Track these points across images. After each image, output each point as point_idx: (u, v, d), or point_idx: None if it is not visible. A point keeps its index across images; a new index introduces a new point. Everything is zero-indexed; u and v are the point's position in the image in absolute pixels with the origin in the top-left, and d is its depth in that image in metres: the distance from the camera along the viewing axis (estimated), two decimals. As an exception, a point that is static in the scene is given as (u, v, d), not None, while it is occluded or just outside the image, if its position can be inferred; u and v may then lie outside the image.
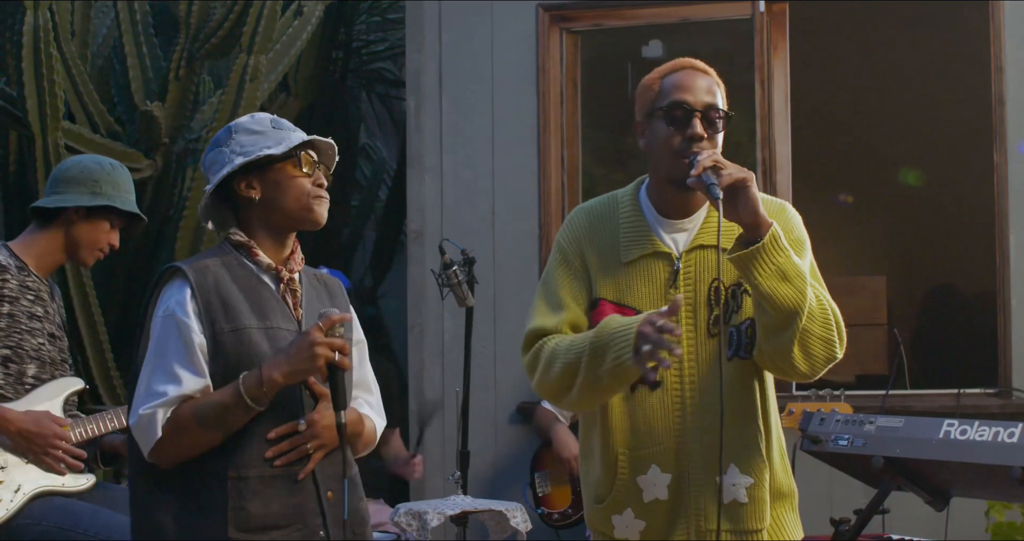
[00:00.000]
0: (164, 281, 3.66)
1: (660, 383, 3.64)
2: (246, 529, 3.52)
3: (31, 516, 4.64)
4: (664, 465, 3.65)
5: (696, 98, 3.63)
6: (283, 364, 3.50)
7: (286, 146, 3.64)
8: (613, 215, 3.76)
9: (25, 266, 4.81)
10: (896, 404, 6.53)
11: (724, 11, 7.29)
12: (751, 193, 3.49)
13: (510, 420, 7.36)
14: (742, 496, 3.66)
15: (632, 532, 3.70)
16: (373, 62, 10.52)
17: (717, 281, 3.65)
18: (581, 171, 7.53)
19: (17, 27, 7.30)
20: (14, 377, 4.73)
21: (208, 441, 3.51)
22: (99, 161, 4.96)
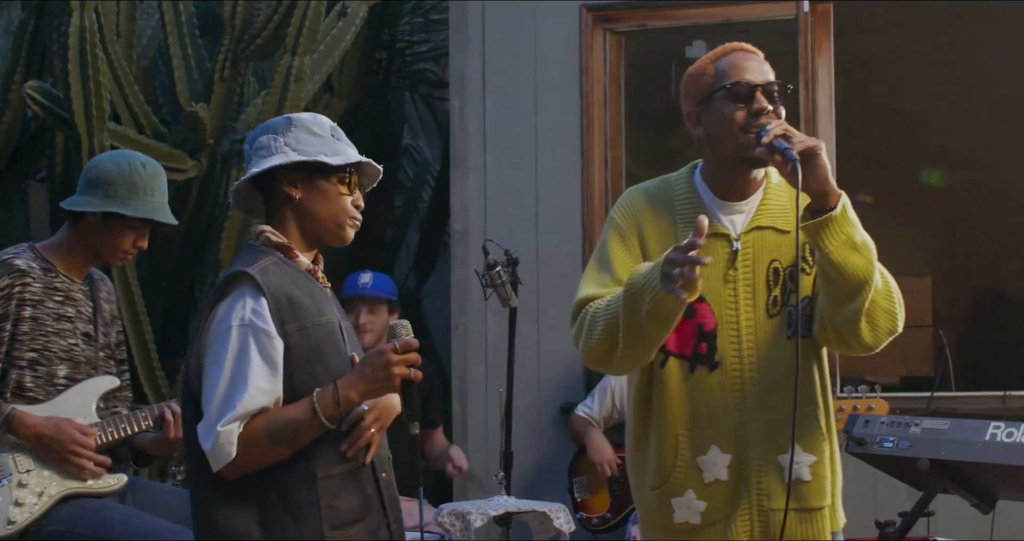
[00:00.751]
0: (232, 286, 3.58)
1: (719, 363, 3.64)
2: (339, 526, 3.54)
3: (63, 522, 4.60)
4: (724, 445, 3.65)
5: (754, 75, 3.67)
6: (359, 384, 3.50)
7: (342, 160, 3.63)
8: (669, 196, 3.77)
9: (53, 267, 4.78)
10: (941, 406, 6.49)
11: (768, 11, 7.27)
12: (821, 161, 3.50)
13: (553, 421, 7.35)
14: (805, 474, 3.67)
15: (692, 514, 3.69)
16: (417, 63, 10.53)
17: (776, 261, 3.66)
18: (624, 171, 7.52)
19: (63, 29, 7.34)
20: (44, 379, 4.71)
21: (276, 457, 3.50)
22: (119, 161, 4.85)
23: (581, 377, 7.30)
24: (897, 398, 6.33)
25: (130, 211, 4.74)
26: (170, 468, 6.54)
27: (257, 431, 3.47)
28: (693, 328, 3.66)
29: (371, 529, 3.62)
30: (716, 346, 3.64)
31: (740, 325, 3.65)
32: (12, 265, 4.69)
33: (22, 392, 4.67)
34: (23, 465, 4.63)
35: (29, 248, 4.81)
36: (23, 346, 4.67)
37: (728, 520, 3.67)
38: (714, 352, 3.65)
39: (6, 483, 4.59)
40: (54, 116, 7.51)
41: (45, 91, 7.49)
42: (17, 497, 4.57)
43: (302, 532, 3.51)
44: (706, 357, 3.65)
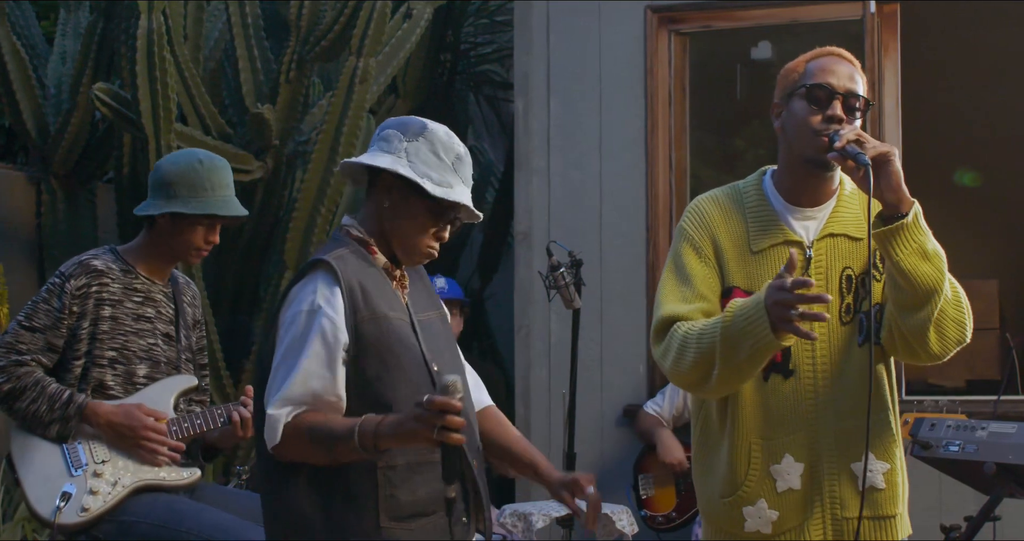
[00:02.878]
0: (308, 273, 3.61)
1: (793, 371, 3.62)
2: (397, 517, 3.54)
3: (135, 513, 4.67)
4: (798, 454, 3.63)
5: (839, 82, 3.63)
6: (395, 433, 3.43)
7: (442, 193, 3.60)
8: (739, 204, 3.74)
9: (132, 269, 4.87)
10: (1009, 410, 6.44)
11: (834, 12, 7.23)
12: (894, 168, 3.48)
13: (616, 422, 7.35)
14: (879, 482, 3.65)
15: (764, 523, 3.66)
16: (481, 64, 10.55)
17: (849, 268, 3.64)
18: (689, 173, 7.50)
19: (131, 31, 7.41)
20: (123, 377, 4.80)
21: (316, 458, 3.51)
22: (176, 161, 4.91)
23: (644, 379, 7.29)
24: (963, 402, 6.29)
25: (190, 209, 4.81)
26: (235, 467, 6.58)
27: (301, 427, 3.49)
28: None
29: (442, 526, 3.61)
30: (790, 354, 3.62)
31: None
32: (90, 266, 4.78)
33: (104, 390, 4.77)
34: (99, 455, 4.72)
35: (110, 250, 4.91)
36: (103, 345, 4.76)
37: (800, 529, 3.65)
38: (788, 360, 3.62)
39: (81, 472, 4.68)
40: (122, 117, 7.57)
41: (113, 93, 7.56)
42: (92, 486, 4.66)
43: (359, 520, 3.53)
44: (780, 366, 3.62)
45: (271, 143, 7.89)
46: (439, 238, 3.69)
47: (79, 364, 4.75)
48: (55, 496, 4.61)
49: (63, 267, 4.81)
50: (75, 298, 4.73)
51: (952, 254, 3.65)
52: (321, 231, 7.69)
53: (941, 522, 5.44)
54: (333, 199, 7.73)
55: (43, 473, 4.66)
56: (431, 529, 3.59)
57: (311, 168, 7.73)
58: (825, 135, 3.57)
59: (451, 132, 3.73)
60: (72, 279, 4.74)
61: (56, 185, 8.39)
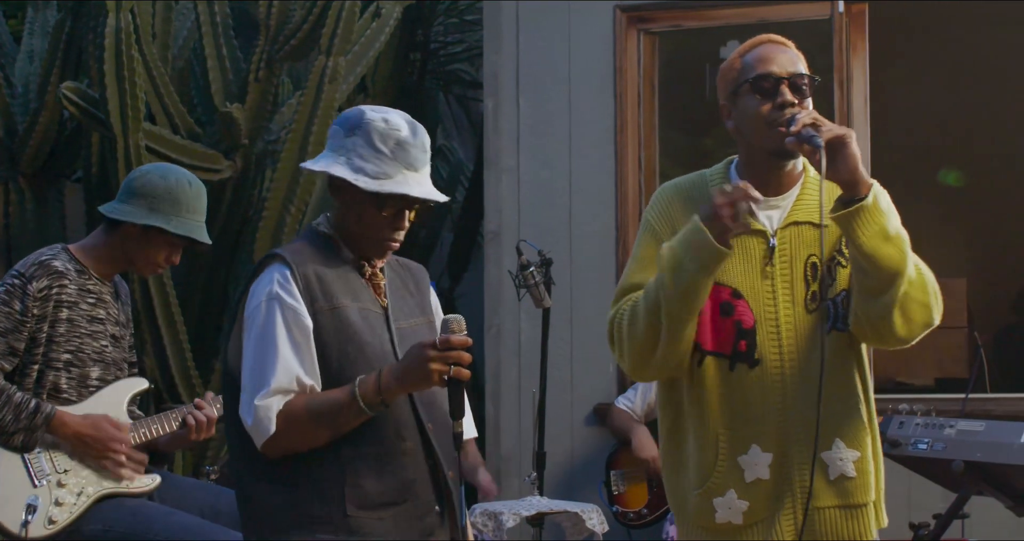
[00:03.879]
0: (263, 266, 3.64)
1: (759, 361, 3.61)
2: (364, 506, 3.54)
3: (102, 521, 4.63)
4: (765, 444, 3.61)
5: (781, 67, 3.62)
6: (399, 376, 3.49)
7: (376, 187, 3.58)
8: (703, 192, 3.71)
9: (85, 269, 4.79)
10: (976, 408, 6.46)
11: (803, 12, 7.25)
12: (851, 150, 3.46)
13: (587, 421, 7.35)
14: (850, 470, 3.62)
15: (735, 514, 3.65)
16: (451, 63, 10.54)
17: (814, 256, 3.64)
18: (658, 172, 7.51)
19: (99, 30, 7.38)
20: (77, 380, 4.73)
21: (318, 438, 3.52)
22: (166, 175, 4.85)
23: (614, 378, 7.30)
24: (932, 400, 6.31)
25: (172, 227, 4.76)
26: (204, 467, 6.56)
27: (298, 409, 3.49)
28: (732, 325, 3.63)
29: (412, 515, 3.61)
30: (756, 343, 3.61)
31: (780, 321, 3.62)
32: (51, 266, 4.70)
33: (57, 393, 4.69)
34: (61, 465, 4.66)
35: (63, 249, 4.82)
36: (59, 348, 4.69)
37: (771, 519, 3.64)
38: (754, 349, 3.61)
39: (45, 483, 4.62)
40: (90, 117, 7.55)
41: (81, 92, 7.53)
42: (57, 497, 4.61)
43: (326, 508, 3.53)
44: (746, 355, 3.61)
45: (240, 142, 7.87)
46: (395, 228, 3.66)
47: (35, 367, 4.67)
48: (20, 508, 4.54)
49: (21, 267, 4.72)
50: (36, 300, 4.64)
51: (921, 253, 3.65)
52: (291, 230, 7.68)
53: (910, 520, 5.46)
54: (303, 198, 7.72)
55: (5, 485, 4.59)
56: (401, 518, 3.59)
57: (280, 167, 7.72)
58: (780, 126, 3.57)
59: (396, 117, 3.68)
60: (34, 281, 4.65)
61: (24, 184, 8.35)
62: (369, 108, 3.73)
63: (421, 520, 3.62)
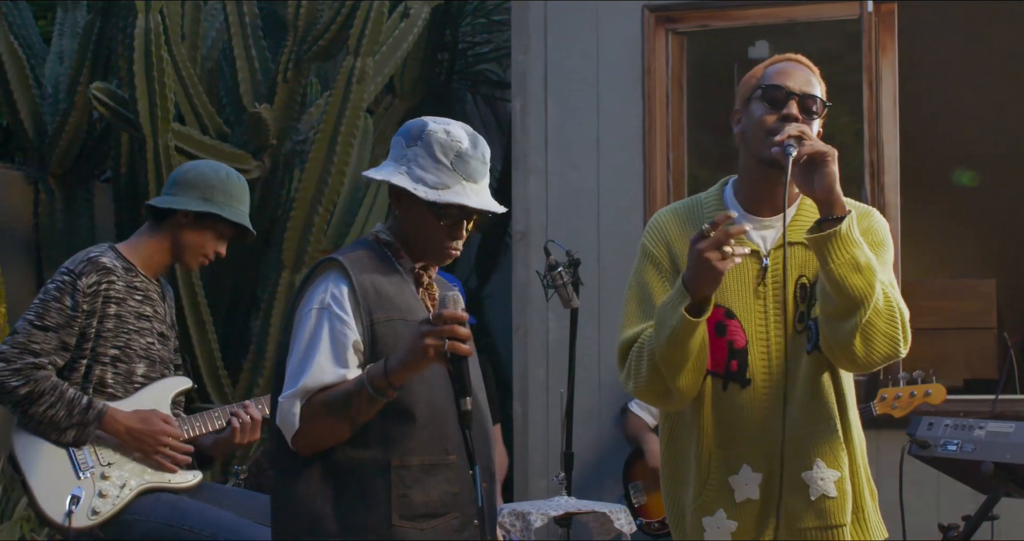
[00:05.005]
0: (319, 272, 3.69)
1: (750, 380, 3.62)
2: (409, 517, 3.60)
3: (139, 512, 4.72)
4: (756, 464, 3.63)
5: (795, 84, 3.65)
6: (400, 357, 3.52)
7: (435, 197, 3.65)
8: (698, 215, 3.75)
9: (133, 267, 4.90)
10: (1006, 409, 6.44)
11: (832, 11, 7.23)
12: (828, 169, 3.48)
13: (614, 422, 7.35)
14: (831, 490, 3.63)
15: (723, 533, 3.67)
16: (478, 64, 10.54)
17: (804, 277, 3.64)
18: (686, 173, 7.50)
19: (128, 30, 7.41)
20: (123, 376, 4.83)
21: (337, 430, 3.57)
22: (217, 169, 5.00)
23: (642, 378, 7.29)
24: (961, 401, 6.29)
25: (227, 214, 4.90)
26: (233, 467, 6.58)
27: (315, 404, 3.56)
28: (724, 345, 3.65)
29: (453, 528, 3.66)
30: (747, 363, 3.62)
31: (770, 342, 3.63)
32: (99, 263, 4.80)
33: (103, 388, 4.80)
34: (105, 458, 4.75)
35: (110, 248, 4.93)
36: (107, 343, 4.78)
37: (758, 539, 3.65)
38: (745, 369, 3.62)
39: (88, 474, 4.72)
40: (119, 117, 7.57)
41: (110, 92, 7.56)
42: (100, 488, 4.70)
43: (371, 518, 3.59)
44: (737, 375, 3.63)
45: (268, 142, 7.89)
46: (453, 237, 3.72)
47: (83, 362, 4.77)
48: (64, 499, 4.63)
49: (70, 264, 4.81)
50: (87, 296, 4.74)
51: (950, 253, 3.65)
52: (319, 231, 7.69)
53: (939, 521, 5.44)
54: (330, 199, 7.73)
55: (50, 476, 4.68)
56: (442, 530, 3.64)
57: (308, 168, 7.73)
58: (772, 134, 3.59)
59: (457, 128, 3.77)
60: (83, 277, 4.74)
61: (53, 184, 8.39)
62: (431, 119, 3.81)
63: (460, 532, 3.67)
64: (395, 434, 3.61)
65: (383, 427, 3.60)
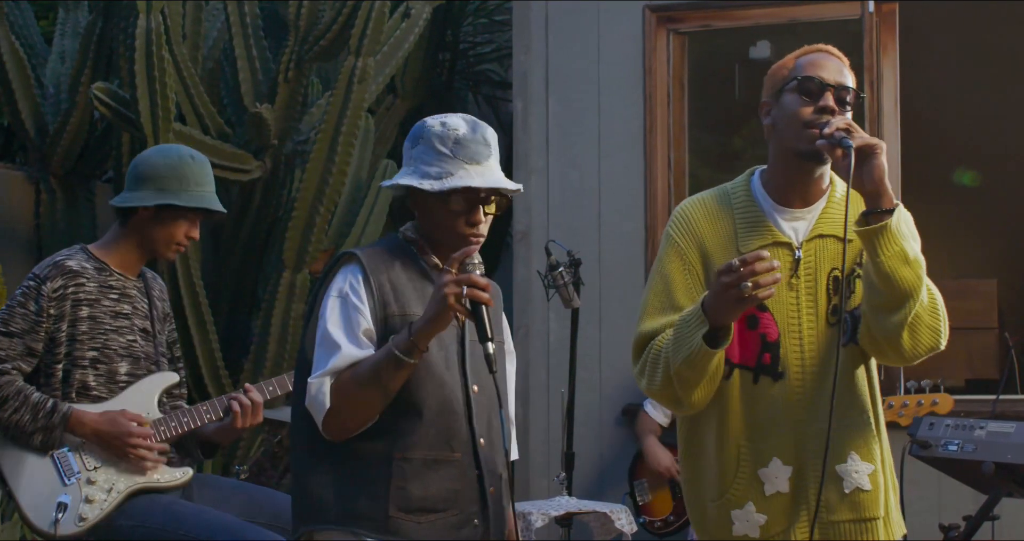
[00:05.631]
0: (339, 266, 3.75)
1: (783, 373, 3.61)
2: (406, 509, 3.63)
3: (133, 517, 4.67)
4: (786, 457, 3.62)
5: (829, 75, 3.65)
6: (424, 315, 3.56)
7: (438, 187, 3.67)
8: (727, 206, 3.73)
9: (106, 266, 4.83)
10: (1007, 409, 6.44)
11: (833, 11, 7.23)
12: (879, 161, 3.48)
13: (615, 422, 7.35)
14: (865, 483, 3.63)
15: (752, 527, 3.66)
16: (480, 64, 10.55)
17: (836, 269, 3.63)
18: (688, 172, 7.50)
19: (129, 30, 7.40)
20: (105, 377, 4.77)
21: (370, 402, 3.58)
22: (167, 154, 4.91)
23: (643, 378, 7.29)
24: (962, 401, 6.29)
25: (183, 201, 4.80)
26: (234, 467, 6.58)
27: (345, 379, 3.58)
28: (756, 338, 3.63)
29: (451, 525, 3.67)
30: (779, 356, 3.61)
31: (803, 334, 3.62)
32: (64, 266, 4.74)
33: (87, 391, 4.73)
34: (90, 462, 4.70)
35: (81, 250, 4.87)
36: (83, 346, 4.73)
37: (787, 532, 3.63)
38: (777, 362, 3.61)
39: (75, 480, 4.66)
40: (120, 117, 7.57)
41: (112, 92, 7.56)
42: (87, 494, 4.64)
43: (369, 507, 3.62)
44: (769, 367, 3.61)
45: (269, 143, 7.89)
46: (471, 223, 3.73)
47: (59, 367, 4.71)
48: (51, 508, 4.59)
49: (37, 269, 4.76)
50: (52, 300, 4.68)
51: (951, 254, 3.65)
52: (320, 231, 7.69)
53: (940, 521, 5.44)
54: (332, 199, 7.74)
55: (36, 484, 4.63)
56: (440, 526, 3.66)
57: (309, 168, 7.73)
58: (816, 128, 3.57)
59: (453, 118, 3.81)
60: (48, 281, 4.69)
61: (55, 184, 8.39)
62: (430, 117, 3.84)
63: (459, 530, 3.68)
64: (402, 428, 3.63)
65: (391, 420, 3.63)
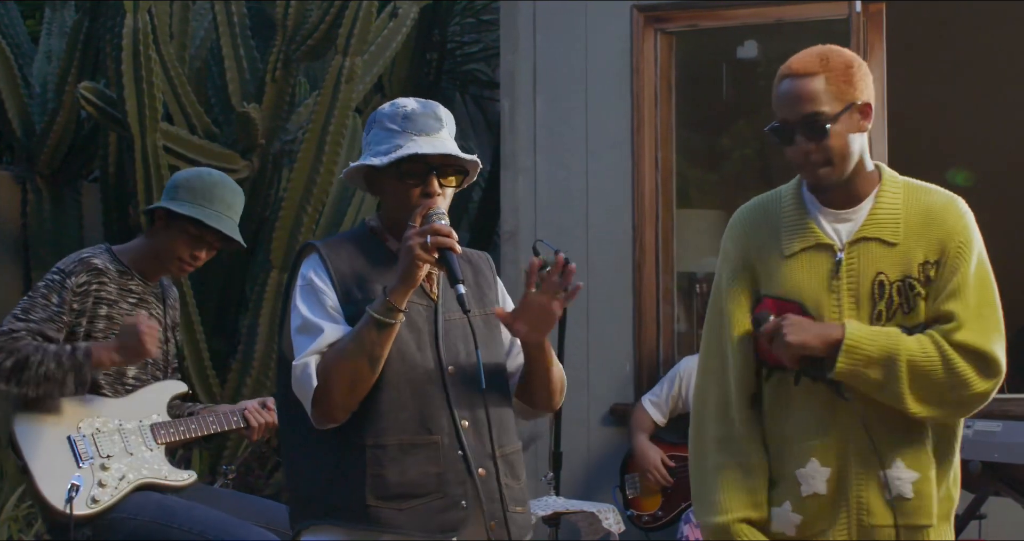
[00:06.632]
0: (300, 259, 3.74)
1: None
2: (384, 496, 3.58)
3: (126, 511, 4.72)
4: (824, 459, 3.60)
5: (791, 111, 3.59)
6: (399, 278, 3.55)
7: (386, 161, 3.65)
8: (775, 208, 3.72)
9: (128, 270, 4.89)
10: (994, 408, 6.42)
11: (820, 11, 7.24)
12: (789, 340, 3.51)
13: (603, 421, 7.35)
14: (907, 491, 3.58)
15: (788, 526, 3.65)
16: (467, 63, 10.55)
17: (883, 274, 3.60)
18: (675, 172, 7.50)
19: (117, 30, 7.40)
20: (114, 377, 4.85)
21: (357, 373, 3.54)
22: (202, 173, 4.98)
23: (630, 379, 7.29)
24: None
25: (178, 208, 4.82)
26: (222, 467, 6.58)
27: (328, 355, 3.56)
28: None
29: (436, 509, 3.62)
30: (819, 359, 3.60)
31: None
32: (91, 263, 4.79)
33: (96, 389, 4.81)
34: (104, 449, 4.76)
35: (106, 250, 4.92)
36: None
37: (825, 534, 3.62)
38: (818, 365, 3.61)
39: (89, 464, 4.73)
40: (107, 116, 7.56)
41: (99, 92, 7.55)
42: (100, 478, 4.72)
43: (347, 498, 3.60)
44: (811, 369, 3.61)
45: (257, 142, 7.89)
46: (426, 194, 3.68)
47: None
48: (64, 486, 4.64)
49: (62, 264, 4.81)
50: (76, 295, 4.74)
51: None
52: (307, 230, 7.69)
53: (927, 520, 5.45)
54: (319, 198, 7.73)
55: (51, 463, 4.69)
56: (423, 511, 3.60)
57: (297, 167, 7.73)
58: (802, 168, 3.60)
59: (404, 99, 3.78)
60: (73, 276, 4.74)
61: (41, 184, 8.38)
62: (383, 105, 3.82)
63: (443, 514, 3.62)
64: (372, 413, 3.60)
65: (361, 406, 3.60)
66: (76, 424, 4.75)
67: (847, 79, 3.58)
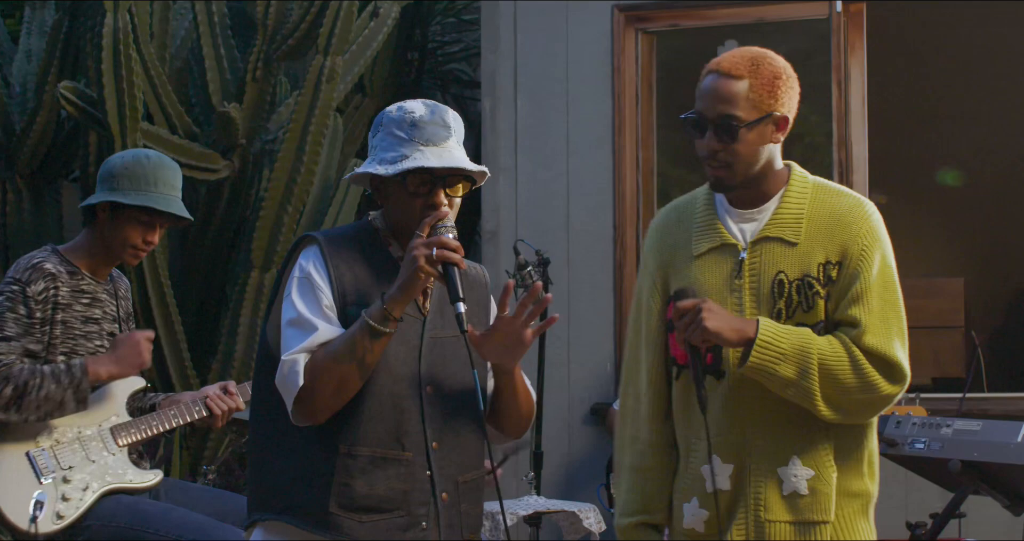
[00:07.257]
0: (299, 249, 3.68)
1: (725, 373, 3.62)
2: (348, 507, 3.54)
3: (100, 517, 4.66)
4: (726, 456, 3.63)
5: (709, 107, 3.61)
6: (399, 287, 3.52)
7: (393, 171, 3.61)
8: (690, 210, 3.76)
9: (78, 270, 4.80)
10: (973, 407, 6.47)
11: (801, 11, 7.25)
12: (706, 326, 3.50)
13: (584, 421, 7.35)
14: (803, 488, 3.60)
15: (697, 522, 3.68)
16: (448, 63, 10.54)
17: (783, 273, 3.62)
18: (656, 172, 7.51)
19: (97, 29, 7.38)
20: None
21: (346, 378, 3.50)
22: (124, 154, 4.91)
23: (611, 378, 7.30)
24: (929, 399, 6.31)
25: (128, 199, 4.74)
26: (202, 467, 6.56)
27: (319, 356, 3.51)
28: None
29: (397, 526, 3.58)
30: (722, 356, 3.62)
31: None
32: (44, 269, 4.70)
33: None
34: (65, 461, 4.69)
35: (53, 251, 4.82)
36: (55, 350, 4.71)
37: (726, 530, 3.65)
38: (720, 362, 3.62)
39: (51, 479, 4.65)
40: (88, 116, 7.54)
41: (79, 91, 7.53)
42: (63, 492, 4.64)
43: (309, 501, 3.55)
44: (712, 367, 3.63)
45: (238, 142, 7.87)
46: (431, 205, 3.65)
47: None
48: (27, 505, 4.56)
49: (14, 273, 4.72)
50: (38, 303, 4.65)
51: (918, 252, 3.65)
52: (288, 230, 7.68)
53: (907, 519, 5.46)
54: (300, 198, 7.72)
55: (12, 482, 4.61)
56: (384, 526, 3.56)
57: (278, 167, 7.72)
58: (706, 162, 3.62)
59: (411, 102, 3.74)
60: (31, 285, 4.66)
61: (21, 184, 8.34)
62: (388, 107, 3.76)
63: (404, 532, 3.59)
64: (349, 421, 3.55)
65: (339, 413, 3.55)
66: (35, 438, 4.68)
67: (771, 89, 3.57)
